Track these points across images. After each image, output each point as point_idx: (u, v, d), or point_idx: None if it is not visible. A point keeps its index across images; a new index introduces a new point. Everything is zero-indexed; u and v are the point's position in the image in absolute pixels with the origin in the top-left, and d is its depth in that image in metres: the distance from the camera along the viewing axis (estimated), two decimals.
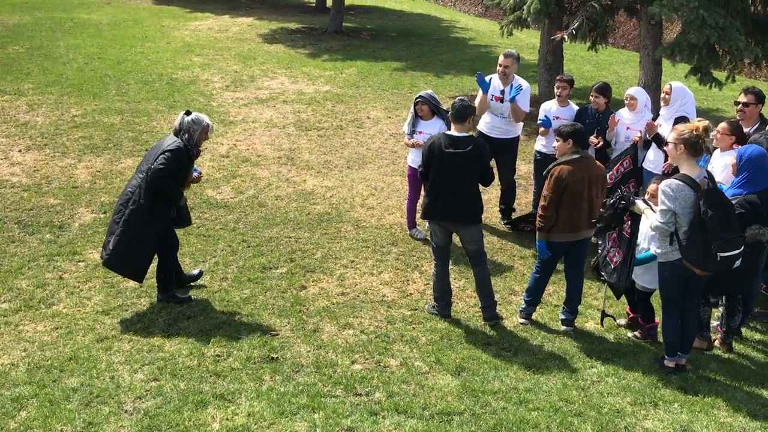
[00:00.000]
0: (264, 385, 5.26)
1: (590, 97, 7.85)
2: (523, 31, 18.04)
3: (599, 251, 6.23)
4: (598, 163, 6.27)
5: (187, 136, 6.22)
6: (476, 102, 7.80)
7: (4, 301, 6.35)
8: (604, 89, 7.80)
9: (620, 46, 19.01)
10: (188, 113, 6.30)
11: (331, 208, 8.71)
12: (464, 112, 6.16)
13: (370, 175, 9.80)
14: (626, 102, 7.69)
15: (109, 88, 13.04)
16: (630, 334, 6.32)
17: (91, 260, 7.15)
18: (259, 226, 8.12)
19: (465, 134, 6.17)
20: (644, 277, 6.03)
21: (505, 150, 8.10)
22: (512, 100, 7.75)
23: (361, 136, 11.35)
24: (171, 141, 6.21)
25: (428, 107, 7.65)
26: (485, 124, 8.10)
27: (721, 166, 6.27)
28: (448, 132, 6.25)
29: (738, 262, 5.31)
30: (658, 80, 9.65)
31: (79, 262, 7.15)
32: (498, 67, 7.91)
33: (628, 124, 7.60)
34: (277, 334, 6.00)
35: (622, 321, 6.51)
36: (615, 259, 6.03)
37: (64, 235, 7.67)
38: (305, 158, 10.29)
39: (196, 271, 6.91)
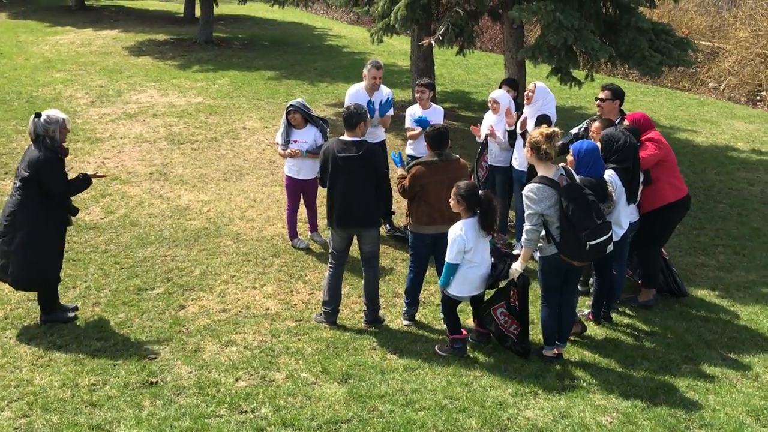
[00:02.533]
0: (144, 411, 5.05)
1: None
2: (396, 37, 18.35)
3: (493, 328, 6.08)
4: (462, 162, 6.41)
5: (49, 139, 5.96)
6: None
7: None
8: (512, 82, 8.17)
9: (488, 49, 19.65)
10: (38, 115, 6.02)
11: (208, 222, 8.49)
12: (351, 120, 6.19)
13: (248, 187, 9.63)
14: (490, 105, 7.95)
15: None
16: (437, 347, 6.10)
17: None
18: (132, 246, 7.81)
19: (357, 139, 6.20)
20: (454, 287, 5.90)
21: None
22: (383, 114, 7.92)
23: (237, 147, 11.15)
24: (35, 154, 5.95)
25: (300, 115, 7.62)
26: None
27: None
28: (342, 137, 6.26)
29: (610, 247, 5.60)
30: (523, 81, 10.02)
31: None
32: (371, 80, 7.99)
33: (491, 125, 7.89)
34: (155, 358, 5.77)
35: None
36: (512, 329, 5.99)
37: None
38: (179, 173, 9.99)
39: (71, 305, 6.57)
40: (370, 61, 8.18)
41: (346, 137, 6.23)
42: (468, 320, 6.42)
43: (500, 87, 8.12)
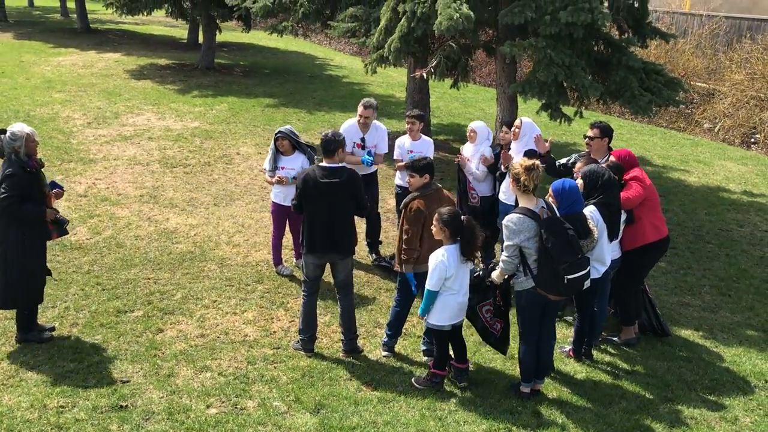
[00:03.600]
0: None
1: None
2: (394, 69, 18.51)
3: (478, 325, 6.12)
4: (446, 193, 6.42)
5: (14, 155, 5.96)
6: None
7: None
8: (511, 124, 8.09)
9: (486, 84, 19.78)
10: (2, 132, 6.03)
11: (194, 246, 8.47)
12: (330, 146, 6.19)
13: (237, 212, 9.63)
14: (468, 135, 8.05)
15: None
16: (413, 379, 6.04)
17: None
18: (115, 268, 7.78)
19: (336, 165, 6.20)
20: (433, 315, 5.82)
21: (367, 183, 8.20)
22: (368, 164, 7.99)
23: (229, 172, 11.18)
24: (2, 171, 5.95)
25: (288, 142, 7.65)
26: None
27: None
28: (321, 164, 6.25)
29: (587, 283, 5.58)
30: (514, 116, 10.07)
31: None
32: (358, 118, 8.06)
33: (467, 156, 7.96)
34: (128, 381, 5.72)
35: None
36: (496, 327, 6.03)
37: None
38: (169, 196, 10.00)
39: (48, 326, 6.53)
40: (364, 99, 8.21)
41: (325, 164, 6.23)
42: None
43: (501, 127, 8.16)
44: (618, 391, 6.12)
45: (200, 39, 21.02)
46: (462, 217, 5.75)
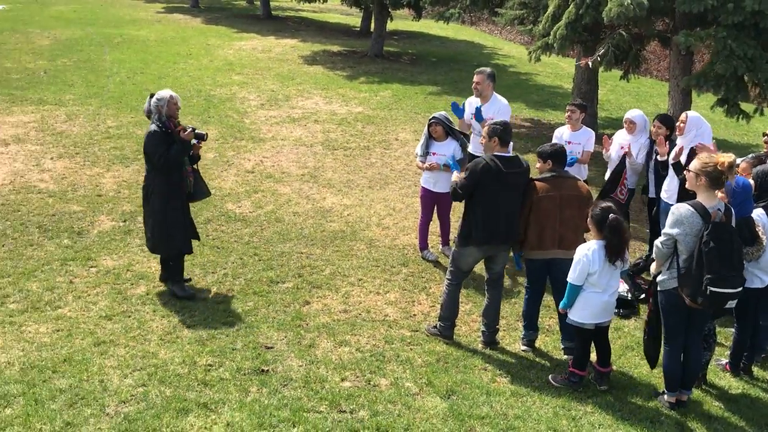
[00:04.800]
0: (249, 397, 5.26)
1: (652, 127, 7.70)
2: (563, 59, 17.97)
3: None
4: (580, 183, 6.14)
5: (156, 115, 6.50)
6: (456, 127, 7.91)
7: (13, 302, 6.51)
8: (666, 119, 7.64)
9: (664, 78, 18.70)
10: (152, 96, 6.59)
11: (346, 226, 8.72)
12: (507, 136, 6.09)
13: (390, 196, 9.80)
14: (625, 125, 7.77)
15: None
16: (550, 376, 5.86)
17: (104, 267, 7.29)
18: (272, 241, 8.18)
19: (512, 154, 6.15)
20: (575, 311, 5.61)
21: None
22: (479, 120, 7.72)
23: (386, 157, 11.38)
24: (146, 130, 6.58)
25: (442, 128, 7.63)
26: (473, 145, 8.01)
27: None
28: (499, 154, 6.05)
29: (732, 303, 5.11)
30: (687, 110, 9.44)
31: (91, 267, 7.28)
32: (473, 85, 7.91)
33: (622, 144, 7.65)
34: (271, 348, 6.00)
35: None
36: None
37: (81, 241, 7.83)
38: (328, 176, 10.35)
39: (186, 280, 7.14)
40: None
41: (502, 153, 6.06)
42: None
43: (653, 121, 7.71)
44: None
45: (372, 27, 21.54)
46: (610, 215, 5.44)
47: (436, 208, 7.93)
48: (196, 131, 6.59)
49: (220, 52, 18.74)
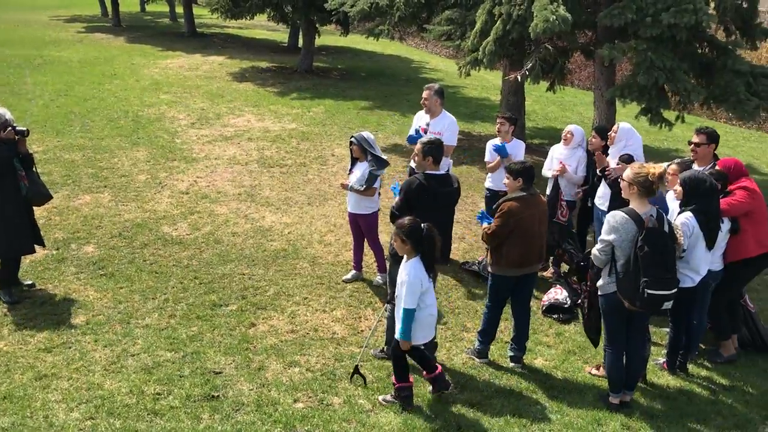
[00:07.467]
0: (201, 424, 5.19)
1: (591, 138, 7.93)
2: (490, 72, 18.34)
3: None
4: (543, 198, 6.35)
5: None
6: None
7: None
8: (602, 130, 7.87)
9: (585, 87, 19.35)
10: None
11: (288, 244, 8.69)
12: (441, 155, 6.32)
13: (330, 212, 9.81)
14: (564, 136, 8.01)
15: (73, 125, 13.02)
16: (380, 397, 5.69)
17: (39, 297, 7.06)
18: (213, 263, 8.08)
19: (446, 173, 6.50)
20: (416, 336, 5.45)
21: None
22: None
23: (324, 173, 11.40)
24: None
25: (357, 148, 7.43)
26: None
27: (675, 207, 6.31)
28: (432, 172, 6.17)
29: (668, 304, 5.36)
30: (612, 120, 9.83)
31: (26, 298, 7.04)
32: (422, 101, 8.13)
33: (561, 158, 7.90)
34: (220, 373, 5.93)
35: (594, 370, 6.36)
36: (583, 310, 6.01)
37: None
38: (266, 195, 10.30)
39: (28, 281, 7.31)
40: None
41: (434, 171, 6.19)
42: None
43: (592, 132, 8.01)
44: (714, 407, 5.88)
45: (300, 43, 21.54)
46: (423, 225, 5.37)
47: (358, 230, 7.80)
48: (17, 128, 6.79)
49: (145, 71, 18.41)
